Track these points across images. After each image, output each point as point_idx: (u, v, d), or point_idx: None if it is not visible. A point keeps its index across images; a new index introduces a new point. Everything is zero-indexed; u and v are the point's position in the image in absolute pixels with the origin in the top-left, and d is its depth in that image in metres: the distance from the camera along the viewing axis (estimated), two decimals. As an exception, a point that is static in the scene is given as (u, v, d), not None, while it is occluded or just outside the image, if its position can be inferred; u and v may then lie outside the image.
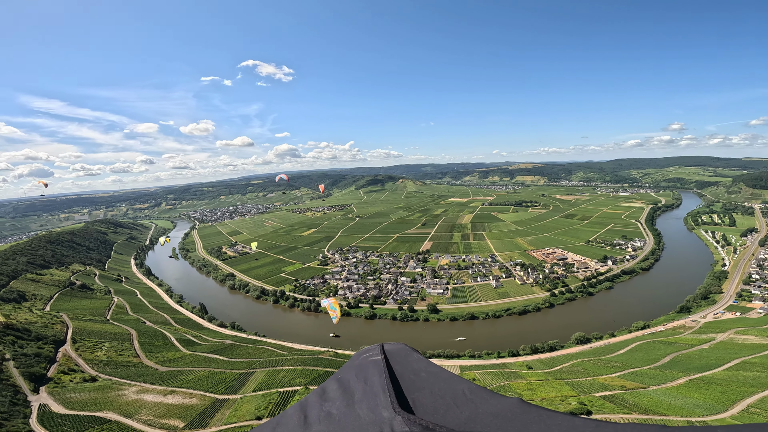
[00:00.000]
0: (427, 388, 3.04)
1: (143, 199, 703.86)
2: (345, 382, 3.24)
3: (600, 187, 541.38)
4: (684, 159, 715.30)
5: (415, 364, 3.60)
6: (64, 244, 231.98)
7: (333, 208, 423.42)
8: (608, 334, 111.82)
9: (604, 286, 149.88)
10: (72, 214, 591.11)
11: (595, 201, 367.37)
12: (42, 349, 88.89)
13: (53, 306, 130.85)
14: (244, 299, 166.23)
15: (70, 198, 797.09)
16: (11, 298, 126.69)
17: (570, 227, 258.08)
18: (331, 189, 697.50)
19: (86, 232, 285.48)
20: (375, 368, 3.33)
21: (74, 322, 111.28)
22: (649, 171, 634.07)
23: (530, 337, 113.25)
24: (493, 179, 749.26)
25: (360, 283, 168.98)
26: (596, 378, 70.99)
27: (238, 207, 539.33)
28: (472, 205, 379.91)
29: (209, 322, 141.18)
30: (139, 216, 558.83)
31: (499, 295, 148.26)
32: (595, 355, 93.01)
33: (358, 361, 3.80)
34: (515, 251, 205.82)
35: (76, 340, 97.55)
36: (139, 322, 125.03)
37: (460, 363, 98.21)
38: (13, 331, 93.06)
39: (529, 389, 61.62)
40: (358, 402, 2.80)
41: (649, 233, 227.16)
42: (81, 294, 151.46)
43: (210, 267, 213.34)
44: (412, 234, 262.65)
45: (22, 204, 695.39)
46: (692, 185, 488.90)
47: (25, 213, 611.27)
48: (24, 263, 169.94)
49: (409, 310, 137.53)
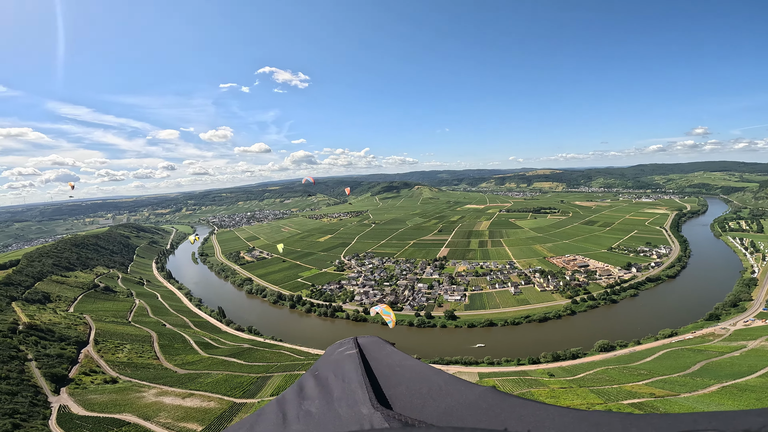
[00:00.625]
0: (404, 382, 3.00)
1: (165, 205, 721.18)
2: (323, 378, 3.19)
3: (621, 193, 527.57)
4: (709, 164, 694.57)
5: (389, 358, 3.54)
6: (88, 247, 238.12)
7: (349, 215, 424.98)
8: (633, 342, 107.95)
9: (628, 294, 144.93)
10: (96, 219, 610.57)
11: (617, 207, 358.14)
12: (65, 350, 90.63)
13: (77, 307, 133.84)
14: (261, 303, 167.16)
15: (95, 203, 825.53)
16: (36, 299, 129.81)
17: (591, 234, 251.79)
18: (347, 196, 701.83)
19: (110, 235, 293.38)
20: (351, 363, 3.29)
21: (97, 323, 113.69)
22: (672, 177, 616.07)
23: (551, 344, 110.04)
24: (509, 186, 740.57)
25: (376, 289, 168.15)
26: (623, 386, 68.26)
27: (255, 213, 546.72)
28: (489, 211, 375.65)
29: (227, 326, 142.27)
30: (160, 221, 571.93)
31: (518, 302, 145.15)
32: (620, 363, 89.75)
33: (334, 355, 3.75)
34: (534, 258, 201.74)
35: (99, 342, 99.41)
36: (159, 324, 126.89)
37: (479, 370, 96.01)
38: (37, 332, 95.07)
39: (552, 396, 59.43)
40: (337, 399, 2.76)
41: (675, 240, 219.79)
42: (104, 296, 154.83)
43: (228, 271, 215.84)
44: (428, 240, 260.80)
45: (48, 208, 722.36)
46: (718, 191, 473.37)
47: (52, 217, 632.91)
48: (50, 265, 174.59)
49: (426, 316, 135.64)
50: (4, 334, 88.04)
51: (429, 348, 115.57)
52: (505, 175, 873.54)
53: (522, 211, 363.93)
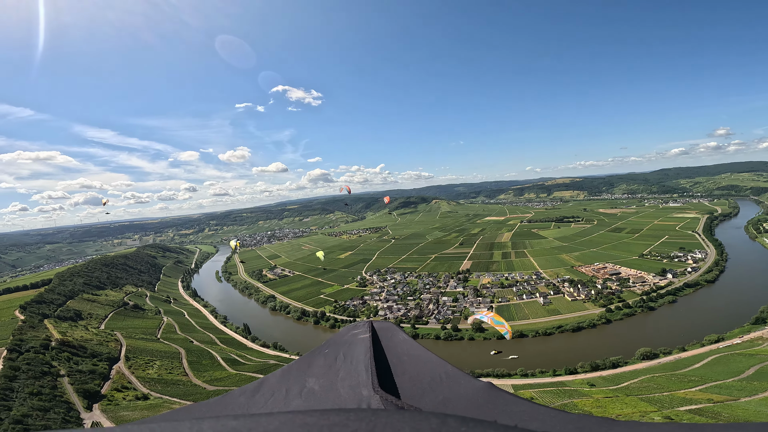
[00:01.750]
0: (408, 371, 3.05)
1: (188, 225, 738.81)
2: (331, 357, 3.24)
3: (647, 198, 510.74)
4: (735, 165, 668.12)
5: (399, 347, 3.58)
6: (118, 266, 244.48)
7: (368, 231, 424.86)
8: (678, 349, 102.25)
9: (666, 300, 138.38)
10: (124, 240, 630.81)
11: (644, 213, 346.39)
12: (97, 366, 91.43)
13: (108, 324, 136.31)
14: (285, 320, 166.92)
15: (122, 224, 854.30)
16: (68, 317, 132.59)
17: (619, 241, 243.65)
18: (365, 212, 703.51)
19: (138, 255, 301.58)
20: (362, 346, 3.31)
21: (127, 340, 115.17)
22: (699, 179, 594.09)
23: (587, 354, 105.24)
24: (529, 196, 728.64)
25: (400, 303, 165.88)
26: (674, 393, 63.99)
27: (275, 231, 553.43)
28: (510, 223, 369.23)
29: (252, 342, 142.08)
30: (184, 241, 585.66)
31: (548, 312, 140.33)
32: (666, 371, 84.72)
33: (347, 336, 3.80)
34: (561, 267, 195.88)
35: (129, 358, 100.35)
36: (187, 341, 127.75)
37: (512, 382, 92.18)
38: (69, 348, 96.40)
39: (598, 406, 55.90)
40: (341, 379, 2.79)
41: (710, 244, 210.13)
42: (133, 314, 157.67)
43: (252, 289, 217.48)
44: (449, 254, 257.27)
45: (78, 230, 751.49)
46: (748, 192, 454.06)
47: (82, 239, 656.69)
48: (81, 284, 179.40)
49: (453, 329, 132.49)
50: (37, 350, 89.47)
51: (458, 361, 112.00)
52: (524, 185, 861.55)
53: (544, 221, 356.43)
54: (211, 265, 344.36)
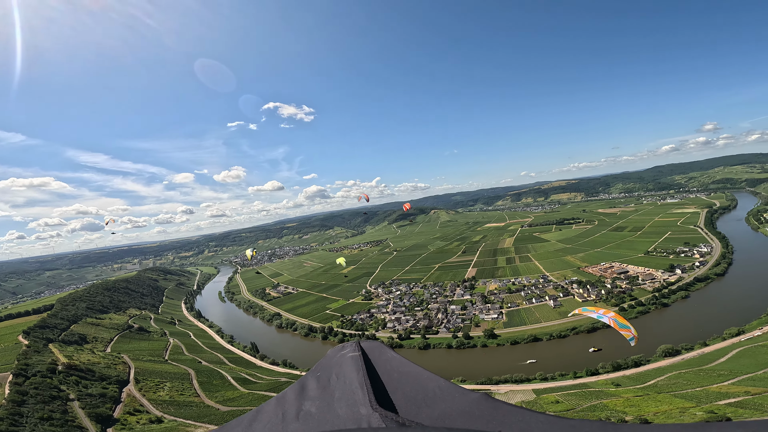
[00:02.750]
0: (400, 388, 3.02)
1: (187, 248, 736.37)
2: (324, 380, 3.21)
3: (644, 196, 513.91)
4: (727, 159, 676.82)
5: (389, 364, 3.56)
6: (119, 290, 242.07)
7: (369, 244, 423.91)
8: (699, 344, 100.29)
9: (678, 296, 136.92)
10: (124, 264, 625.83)
11: (643, 211, 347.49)
12: (107, 390, 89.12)
13: (114, 347, 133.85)
14: (293, 337, 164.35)
15: (121, 249, 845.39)
16: (73, 341, 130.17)
17: (622, 240, 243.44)
18: (364, 226, 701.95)
19: (139, 279, 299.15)
20: (353, 365, 3.29)
21: (135, 362, 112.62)
22: (693, 175, 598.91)
23: (605, 354, 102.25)
24: (526, 201, 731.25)
25: (408, 314, 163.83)
26: (707, 388, 62.34)
27: (275, 250, 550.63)
28: (510, 228, 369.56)
29: (261, 361, 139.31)
30: (184, 263, 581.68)
31: (559, 314, 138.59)
32: (692, 366, 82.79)
33: (336, 357, 3.76)
34: (568, 269, 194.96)
35: (139, 380, 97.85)
36: (195, 361, 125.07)
37: (533, 387, 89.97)
38: (77, 372, 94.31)
39: (631, 405, 54.30)
40: (337, 400, 2.77)
41: (713, 237, 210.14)
42: (139, 336, 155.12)
43: (256, 308, 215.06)
44: (453, 263, 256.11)
45: (77, 256, 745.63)
46: (743, 184, 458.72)
47: (81, 264, 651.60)
48: (83, 308, 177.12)
49: (465, 337, 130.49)
50: (44, 374, 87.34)
51: (473, 369, 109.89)
52: (521, 190, 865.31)
53: (545, 225, 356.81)
54: (213, 286, 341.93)
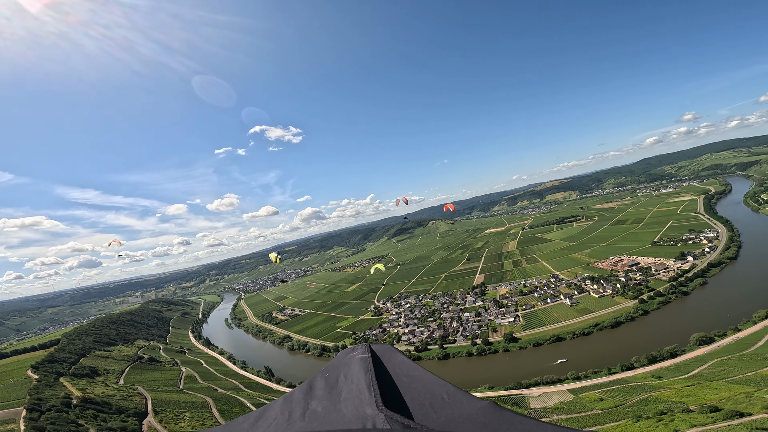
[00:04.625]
0: (408, 392, 3.02)
1: (188, 278, 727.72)
2: (332, 380, 3.24)
3: (637, 188, 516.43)
4: (713, 146, 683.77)
5: (398, 368, 3.58)
6: (125, 323, 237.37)
7: (371, 261, 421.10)
8: (731, 330, 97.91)
9: (696, 283, 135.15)
10: (126, 298, 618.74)
11: (640, 203, 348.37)
12: (126, 422, 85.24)
13: (126, 379, 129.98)
14: (306, 358, 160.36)
15: (121, 284, 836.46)
16: (84, 374, 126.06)
17: (626, 233, 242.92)
18: (364, 243, 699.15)
19: (143, 311, 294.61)
20: (362, 366, 3.33)
21: (151, 393, 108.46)
22: (682, 164, 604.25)
23: (633, 347, 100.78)
24: (523, 204, 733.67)
25: (421, 326, 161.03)
26: (759, 372, 60.21)
27: (277, 274, 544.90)
28: (511, 232, 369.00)
29: (278, 384, 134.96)
30: (186, 294, 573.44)
31: (578, 312, 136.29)
32: (731, 352, 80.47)
33: (346, 358, 3.80)
34: (577, 267, 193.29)
35: (158, 411, 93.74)
36: (211, 389, 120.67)
37: (567, 387, 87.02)
38: (93, 405, 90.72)
39: (687, 396, 51.93)
40: (343, 400, 2.79)
41: (717, 222, 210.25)
42: (150, 366, 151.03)
43: (265, 332, 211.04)
44: (459, 271, 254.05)
45: (78, 293, 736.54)
46: (733, 169, 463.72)
47: (83, 300, 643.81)
48: (90, 342, 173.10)
49: (484, 343, 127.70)
50: (59, 408, 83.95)
51: (498, 375, 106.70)
52: (515, 194, 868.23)
53: (545, 225, 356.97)
54: (218, 313, 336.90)
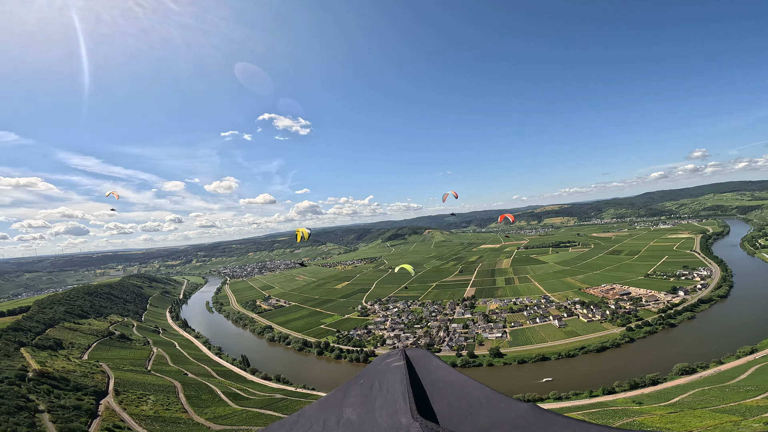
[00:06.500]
0: (445, 397, 2.99)
1: (174, 256, 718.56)
2: (366, 387, 3.23)
3: (636, 222, 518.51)
4: (716, 186, 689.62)
5: (435, 373, 3.56)
6: (101, 296, 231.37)
7: (363, 261, 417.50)
8: (714, 362, 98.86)
9: (684, 317, 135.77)
10: (107, 270, 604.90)
11: (638, 236, 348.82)
12: (82, 401, 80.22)
13: (91, 355, 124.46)
14: (285, 351, 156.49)
15: (105, 254, 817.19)
16: (47, 346, 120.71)
17: (621, 263, 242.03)
18: (357, 243, 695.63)
19: (123, 285, 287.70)
20: (397, 374, 3.31)
21: (115, 372, 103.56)
22: (684, 201, 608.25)
23: (616, 373, 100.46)
24: (520, 224, 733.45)
25: (408, 332, 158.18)
26: (742, 403, 58.55)
27: (266, 263, 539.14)
28: (506, 250, 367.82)
29: (252, 375, 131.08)
30: (171, 272, 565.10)
31: (565, 334, 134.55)
32: (713, 383, 79.63)
33: (381, 365, 3.82)
34: (569, 290, 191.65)
35: (120, 392, 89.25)
36: (181, 373, 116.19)
37: (548, 406, 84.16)
38: (49, 380, 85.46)
39: (671, 422, 49.57)
40: (378, 408, 2.76)
41: (711, 261, 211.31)
42: (120, 344, 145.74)
43: (246, 320, 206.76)
44: (450, 281, 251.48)
45: (59, 260, 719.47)
46: (734, 211, 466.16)
47: (63, 268, 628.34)
48: (62, 312, 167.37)
49: (469, 355, 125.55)
50: (11, 381, 78.69)
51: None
52: (514, 213, 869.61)
53: (541, 247, 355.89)
54: (200, 296, 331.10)
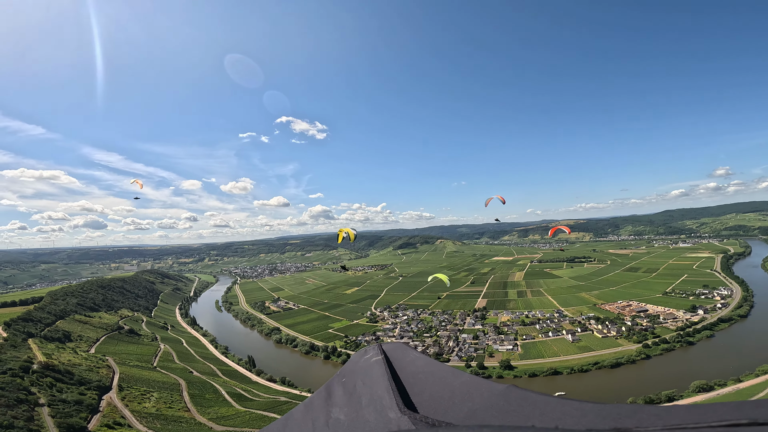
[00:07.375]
0: (427, 388, 2.99)
1: (188, 254, 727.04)
2: (350, 386, 3.22)
3: (655, 240, 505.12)
4: (739, 206, 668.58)
5: (413, 365, 3.56)
6: (114, 289, 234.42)
7: (374, 268, 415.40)
8: (732, 380, 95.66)
9: (703, 335, 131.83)
10: (122, 264, 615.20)
11: (656, 254, 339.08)
12: (84, 396, 79.62)
13: (99, 348, 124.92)
14: (292, 354, 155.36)
15: (121, 249, 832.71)
16: (55, 338, 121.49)
17: (638, 280, 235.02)
18: (368, 250, 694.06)
19: (136, 280, 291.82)
20: (378, 369, 3.31)
21: (121, 367, 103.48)
22: (705, 220, 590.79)
23: (630, 389, 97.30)
24: (534, 237, 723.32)
25: (416, 340, 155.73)
26: None
27: (277, 265, 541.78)
28: (519, 263, 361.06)
29: (258, 376, 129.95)
30: (183, 269, 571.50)
31: (579, 349, 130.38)
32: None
33: (361, 362, 3.79)
34: (583, 306, 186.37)
35: (123, 388, 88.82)
36: (186, 371, 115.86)
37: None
38: (54, 373, 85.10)
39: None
40: (365, 406, 2.76)
41: (732, 281, 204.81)
42: (128, 339, 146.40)
43: (254, 320, 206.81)
44: (462, 292, 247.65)
45: (76, 252, 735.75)
46: (756, 232, 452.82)
47: (79, 261, 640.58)
48: (74, 304, 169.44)
49: (479, 366, 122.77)
50: (14, 373, 78.13)
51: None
52: (528, 227, 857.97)
53: (555, 261, 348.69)
54: (210, 294, 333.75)
